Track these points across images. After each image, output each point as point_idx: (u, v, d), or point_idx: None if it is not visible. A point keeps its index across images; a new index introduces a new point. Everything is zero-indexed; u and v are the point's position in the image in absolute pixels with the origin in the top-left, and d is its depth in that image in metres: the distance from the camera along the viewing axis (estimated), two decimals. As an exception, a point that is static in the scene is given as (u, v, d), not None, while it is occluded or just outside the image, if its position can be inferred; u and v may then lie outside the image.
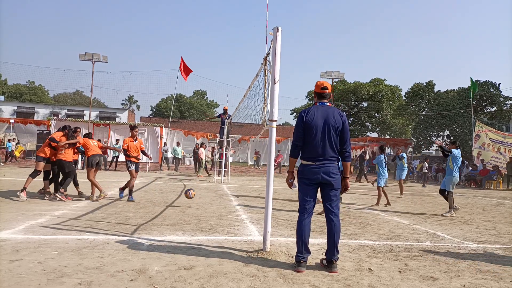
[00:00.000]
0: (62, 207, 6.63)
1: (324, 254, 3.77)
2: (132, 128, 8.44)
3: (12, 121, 26.17)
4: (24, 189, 7.38)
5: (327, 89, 3.80)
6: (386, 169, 9.32)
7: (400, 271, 3.69)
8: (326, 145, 3.62)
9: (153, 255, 3.84)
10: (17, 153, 21.78)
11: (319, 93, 3.84)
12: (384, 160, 9.20)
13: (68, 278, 3.06)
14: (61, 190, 7.55)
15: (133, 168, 8.11)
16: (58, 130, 8.14)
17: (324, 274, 3.49)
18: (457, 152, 8.04)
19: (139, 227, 5.21)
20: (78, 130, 8.15)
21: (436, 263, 4.08)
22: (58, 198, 7.45)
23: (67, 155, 7.73)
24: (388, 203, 9.14)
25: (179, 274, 3.27)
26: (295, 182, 3.91)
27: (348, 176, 3.80)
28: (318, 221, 6.26)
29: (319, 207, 6.60)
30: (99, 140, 12.48)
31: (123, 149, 8.23)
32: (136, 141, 8.36)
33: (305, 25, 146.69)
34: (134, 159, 8.18)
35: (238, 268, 3.52)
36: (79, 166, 17.23)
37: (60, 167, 7.74)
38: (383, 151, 9.45)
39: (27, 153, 23.64)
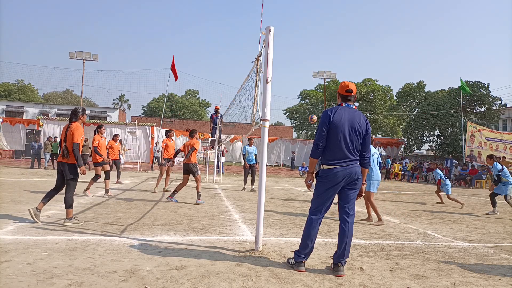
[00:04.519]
0: (52, 207, 6.55)
1: (332, 256, 3.74)
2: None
3: (0, 120, 25.78)
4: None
5: (352, 91, 3.67)
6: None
7: (391, 270, 3.72)
8: (349, 148, 3.53)
9: (145, 255, 3.82)
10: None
11: (343, 95, 3.70)
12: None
13: (58, 279, 3.02)
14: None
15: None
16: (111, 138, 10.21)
17: (316, 274, 3.50)
18: None
19: (130, 227, 5.17)
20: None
21: (426, 261, 4.12)
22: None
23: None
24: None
25: (171, 275, 3.26)
26: (314, 183, 3.79)
27: (364, 182, 3.73)
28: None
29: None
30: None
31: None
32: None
33: (298, 25, 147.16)
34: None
35: (230, 268, 3.52)
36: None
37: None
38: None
39: (16, 153, 23.34)
